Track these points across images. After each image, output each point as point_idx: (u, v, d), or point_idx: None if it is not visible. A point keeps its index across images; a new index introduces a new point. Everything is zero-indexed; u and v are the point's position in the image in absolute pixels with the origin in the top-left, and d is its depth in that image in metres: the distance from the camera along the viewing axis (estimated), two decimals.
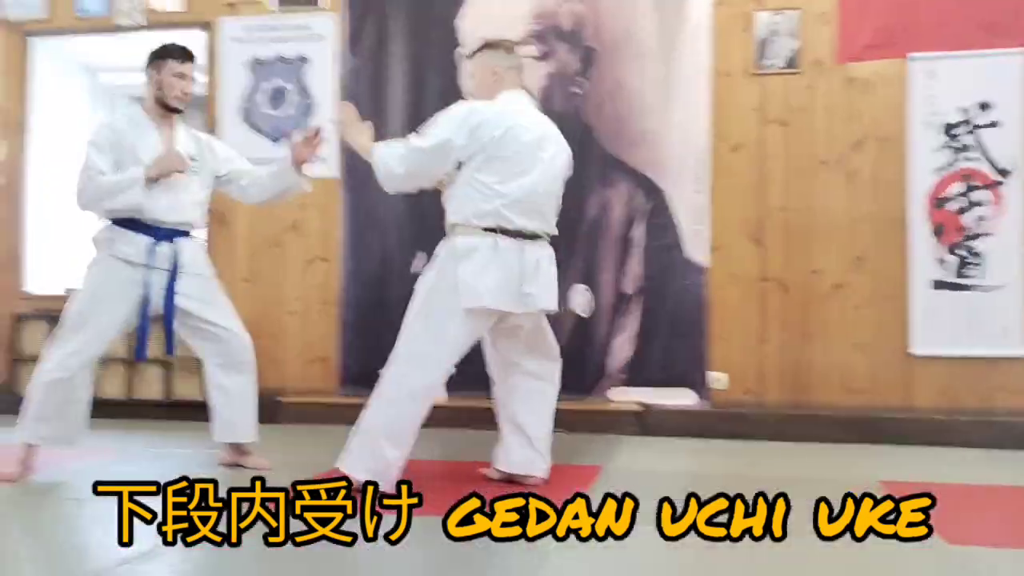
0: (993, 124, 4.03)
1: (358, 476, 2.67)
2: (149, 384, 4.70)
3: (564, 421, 3.87)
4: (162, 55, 3.24)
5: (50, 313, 4.80)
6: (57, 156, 5.10)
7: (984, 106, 4.04)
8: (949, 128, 4.07)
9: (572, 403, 3.59)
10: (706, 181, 4.24)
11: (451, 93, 4.48)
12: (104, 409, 4.63)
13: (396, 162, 2.88)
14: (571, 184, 4.28)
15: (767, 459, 3.66)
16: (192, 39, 4.75)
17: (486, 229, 2.83)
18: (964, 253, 4.05)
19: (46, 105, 5.05)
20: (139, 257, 3.12)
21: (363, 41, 4.61)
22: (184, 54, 3.27)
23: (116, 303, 3.12)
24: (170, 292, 3.16)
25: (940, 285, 4.06)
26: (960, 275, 4.05)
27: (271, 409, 4.50)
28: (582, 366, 4.22)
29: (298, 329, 4.66)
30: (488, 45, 3.08)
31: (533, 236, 2.89)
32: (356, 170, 4.59)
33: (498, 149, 2.80)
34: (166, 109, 3.25)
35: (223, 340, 3.28)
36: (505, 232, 2.82)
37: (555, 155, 2.97)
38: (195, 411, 4.58)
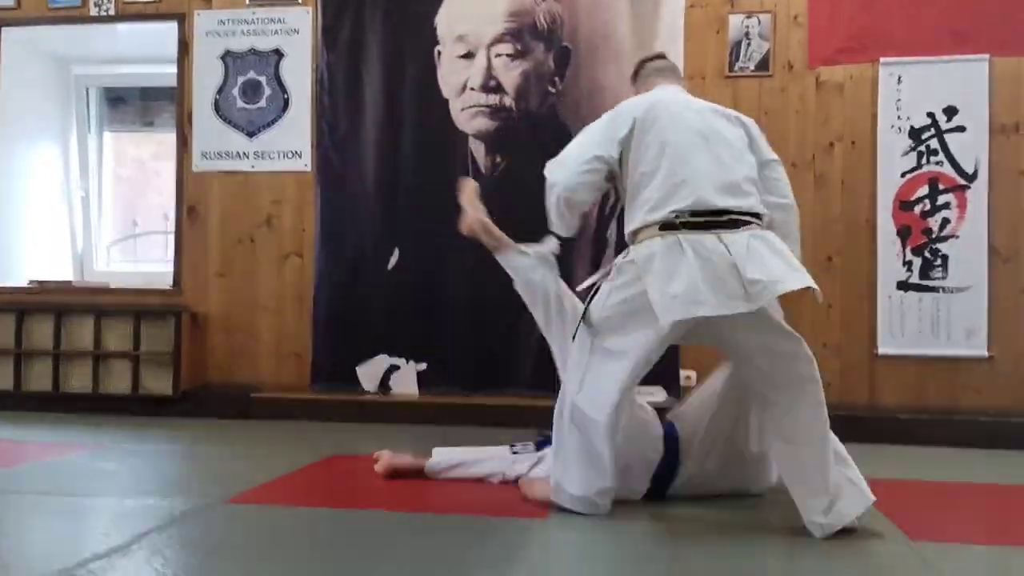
0: (959, 129, 4.11)
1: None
2: (116, 378, 4.65)
3: (538, 418, 3.90)
4: None
5: (16, 307, 4.75)
6: (26, 147, 5.04)
7: (950, 111, 4.12)
8: (916, 132, 4.14)
9: (547, 400, 3.61)
10: None
11: (427, 89, 4.49)
12: (70, 403, 4.61)
13: None
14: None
15: None
16: (164, 31, 4.74)
17: None
18: (929, 255, 4.13)
19: (15, 95, 4.97)
20: None
21: (339, 35, 4.59)
22: None
23: None
24: None
25: (906, 287, 4.13)
26: (925, 277, 4.13)
27: (244, 405, 4.49)
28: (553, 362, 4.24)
29: (271, 325, 4.64)
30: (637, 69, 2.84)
31: None
32: (330, 165, 4.58)
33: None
34: None
35: None
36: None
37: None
38: (163, 406, 4.57)
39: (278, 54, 4.66)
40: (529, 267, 2.76)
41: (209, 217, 4.70)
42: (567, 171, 2.54)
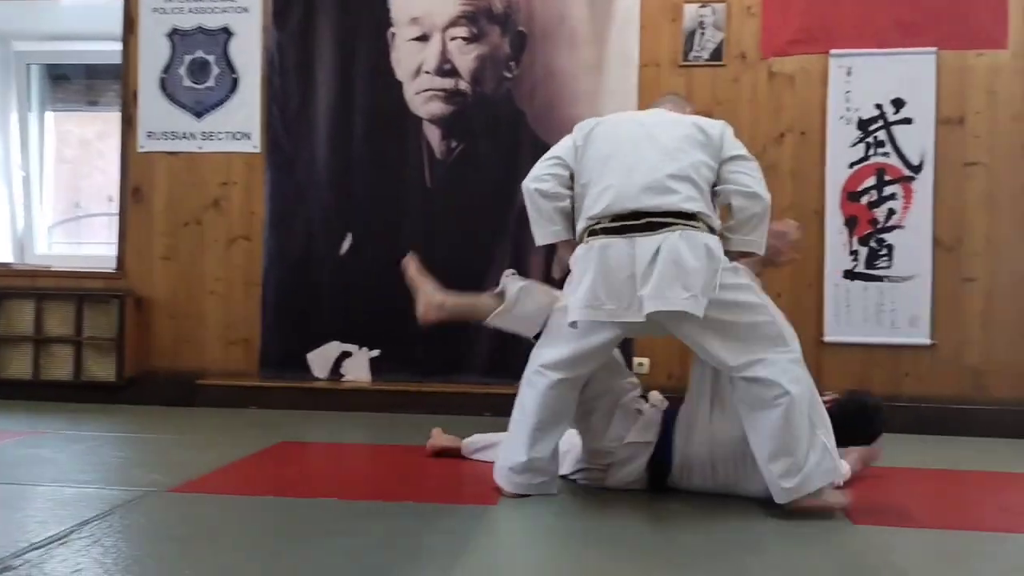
0: (905, 121, 4.18)
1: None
2: (58, 364, 4.52)
3: (493, 405, 3.90)
4: None
5: None
6: None
7: (897, 103, 4.19)
8: (864, 123, 4.21)
9: (502, 387, 3.61)
10: None
11: (380, 71, 4.43)
12: (9, 390, 4.48)
13: None
14: (502, 169, 4.31)
15: None
16: (109, 7, 4.61)
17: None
18: (875, 245, 4.20)
19: None
20: None
21: (290, 15, 4.50)
22: None
23: None
24: None
25: (852, 275, 4.20)
26: (870, 266, 4.20)
27: (189, 391, 4.41)
28: (509, 350, 4.23)
29: (219, 310, 4.55)
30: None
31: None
32: (280, 147, 4.50)
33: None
34: None
35: None
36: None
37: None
38: (106, 392, 4.46)
39: (227, 33, 4.56)
40: (516, 319, 2.77)
41: (154, 199, 4.59)
42: (534, 171, 2.63)
